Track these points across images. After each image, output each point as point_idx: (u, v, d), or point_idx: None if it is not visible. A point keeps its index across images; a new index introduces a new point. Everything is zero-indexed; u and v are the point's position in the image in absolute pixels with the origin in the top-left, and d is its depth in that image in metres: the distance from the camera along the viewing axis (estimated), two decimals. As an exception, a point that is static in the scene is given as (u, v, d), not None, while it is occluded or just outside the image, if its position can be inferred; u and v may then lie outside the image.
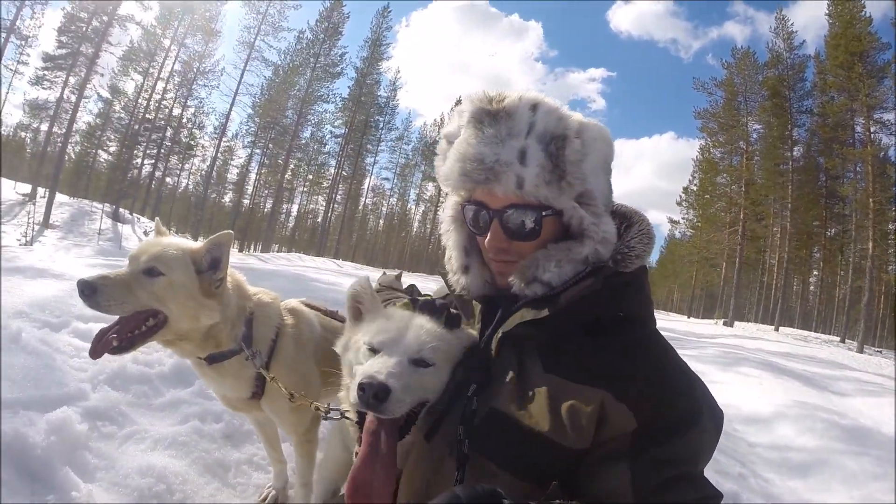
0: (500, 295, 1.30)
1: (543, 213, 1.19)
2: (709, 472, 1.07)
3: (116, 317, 1.56)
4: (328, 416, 1.48)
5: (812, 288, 40.38)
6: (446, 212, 1.40)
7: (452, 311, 1.35)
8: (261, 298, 1.91)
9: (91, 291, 1.47)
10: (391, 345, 1.19)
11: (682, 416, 1.05)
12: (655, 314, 1.30)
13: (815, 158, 32.69)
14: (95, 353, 1.53)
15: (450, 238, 1.39)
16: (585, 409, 1.06)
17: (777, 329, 27.73)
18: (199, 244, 1.67)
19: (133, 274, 1.56)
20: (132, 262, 1.59)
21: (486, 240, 1.24)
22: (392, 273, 5.67)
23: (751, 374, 7.44)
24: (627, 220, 1.31)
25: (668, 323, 23.63)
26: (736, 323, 30.14)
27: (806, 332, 28.04)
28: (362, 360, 1.19)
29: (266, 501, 2.31)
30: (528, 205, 1.19)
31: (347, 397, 1.36)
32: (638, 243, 1.23)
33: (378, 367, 1.11)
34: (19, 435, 1.89)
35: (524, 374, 1.16)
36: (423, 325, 1.25)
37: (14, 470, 1.78)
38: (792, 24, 33.36)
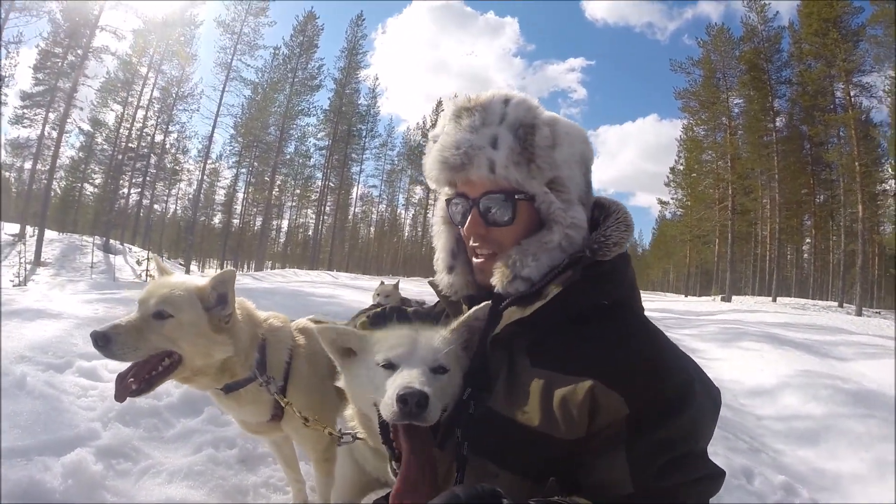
0: (484, 296, 1.34)
1: (516, 196, 1.25)
2: (720, 449, 1.09)
3: None
4: (342, 440, 1.49)
5: (806, 256, 40.57)
6: (436, 213, 1.48)
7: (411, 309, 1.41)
8: (272, 323, 1.94)
9: (105, 342, 1.50)
10: (408, 357, 1.22)
11: (674, 398, 1.07)
12: (653, 296, 1.33)
13: (797, 127, 32.97)
14: (119, 397, 1.57)
15: (439, 240, 1.47)
16: (576, 400, 1.08)
17: (775, 300, 27.91)
18: (204, 281, 1.69)
19: (144, 318, 1.58)
20: (142, 306, 1.61)
21: (465, 227, 1.32)
22: (390, 282, 5.60)
23: (752, 347, 7.51)
24: (605, 211, 1.35)
25: (666, 303, 23.74)
26: (733, 297, 30.30)
27: (804, 300, 28.27)
28: (380, 380, 1.21)
29: None
30: (503, 190, 1.26)
31: (357, 420, 1.38)
32: (615, 231, 1.25)
33: (408, 378, 1.13)
34: (36, 482, 1.90)
35: (514, 371, 1.19)
36: (431, 335, 1.30)
37: (35, 516, 1.79)
38: (764, -3, 33.55)
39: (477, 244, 1.33)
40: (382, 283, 5.20)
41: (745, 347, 7.57)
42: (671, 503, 1.02)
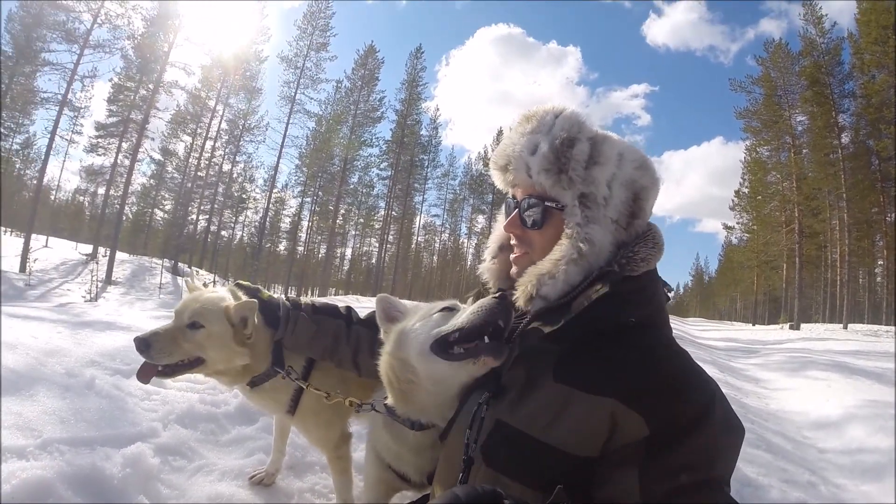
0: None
1: (546, 204, 1.32)
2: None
3: None
4: (360, 409, 1.78)
5: (879, 279, 37.72)
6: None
7: None
8: None
9: (146, 347, 1.81)
10: (459, 308, 1.47)
11: (692, 421, 1.06)
12: (719, 325, 1.31)
13: (864, 143, 31.03)
14: (143, 377, 1.87)
15: (494, 231, 1.59)
16: (595, 418, 1.09)
17: (846, 327, 26.05)
18: (231, 301, 1.97)
19: (179, 328, 1.87)
20: (178, 317, 1.90)
21: (504, 225, 1.43)
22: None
23: (819, 377, 7.16)
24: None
25: (732, 333, 22.73)
26: (802, 325, 28.52)
27: (877, 327, 26.11)
28: (437, 320, 1.43)
29: (254, 478, 2.48)
30: (539, 195, 1.33)
31: (393, 379, 1.47)
32: (642, 247, 1.26)
33: None
34: (97, 468, 2.06)
35: (533, 384, 1.21)
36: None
37: (94, 498, 1.95)
38: (821, 8, 32.07)
39: (515, 242, 1.43)
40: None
41: (811, 377, 7.22)
42: None
